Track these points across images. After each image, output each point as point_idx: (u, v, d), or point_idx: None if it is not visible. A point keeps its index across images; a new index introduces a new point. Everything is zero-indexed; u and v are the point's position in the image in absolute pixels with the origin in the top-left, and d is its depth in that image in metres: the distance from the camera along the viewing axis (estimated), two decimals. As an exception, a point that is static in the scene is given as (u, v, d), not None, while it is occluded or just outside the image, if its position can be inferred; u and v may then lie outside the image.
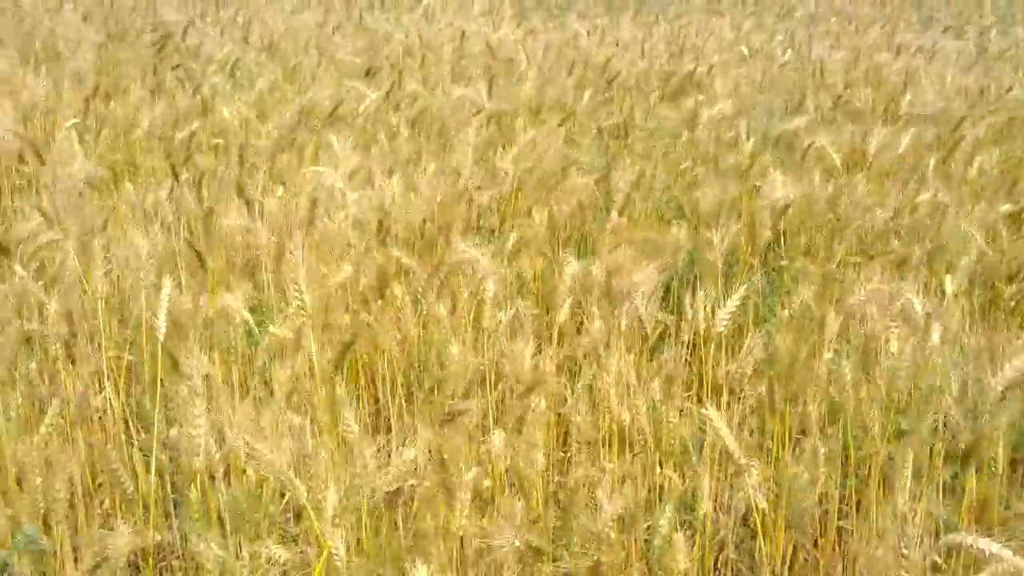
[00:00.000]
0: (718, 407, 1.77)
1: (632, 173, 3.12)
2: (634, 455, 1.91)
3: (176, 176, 2.75)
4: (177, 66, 4.54)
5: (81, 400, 1.78)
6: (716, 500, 1.85)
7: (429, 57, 4.94)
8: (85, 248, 2.13)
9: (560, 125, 3.75)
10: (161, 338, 1.72)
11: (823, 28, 6.58)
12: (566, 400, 2.01)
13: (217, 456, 1.62)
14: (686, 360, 2.30)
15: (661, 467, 1.90)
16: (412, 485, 1.58)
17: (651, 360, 2.18)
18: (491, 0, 8.07)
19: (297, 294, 1.66)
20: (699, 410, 1.63)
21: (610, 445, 1.96)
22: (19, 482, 1.69)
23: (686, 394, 2.23)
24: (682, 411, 2.05)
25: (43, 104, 3.77)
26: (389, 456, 1.51)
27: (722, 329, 2.11)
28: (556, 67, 4.84)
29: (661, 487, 1.91)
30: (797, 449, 1.92)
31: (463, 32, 5.49)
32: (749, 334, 2.42)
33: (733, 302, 2.13)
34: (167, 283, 1.73)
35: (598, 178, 3.13)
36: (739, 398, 2.01)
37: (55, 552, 1.64)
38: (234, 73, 4.57)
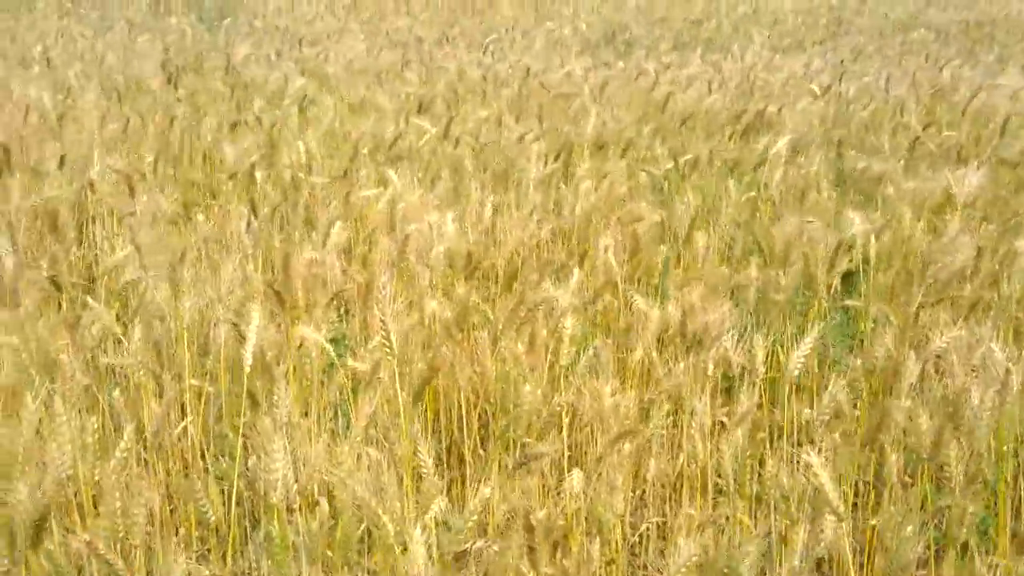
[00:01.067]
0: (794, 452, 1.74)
1: (695, 209, 3.10)
2: (716, 501, 1.89)
3: (254, 210, 2.80)
4: (249, 101, 4.64)
5: (158, 427, 1.80)
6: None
7: (490, 91, 4.98)
8: (169, 279, 2.17)
9: (622, 159, 3.75)
10: (247, 369, 1.75)
11: (896, 66, 6.51)
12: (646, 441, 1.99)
13: (295, 488, 1.63)
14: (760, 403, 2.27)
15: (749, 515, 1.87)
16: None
17: (727, 403, 2.16)
18: (559, 36, 8.14)
19: (383, 332, 1.67)
20: (800, 455, 1.59)
21: (691, 488, 1.94)
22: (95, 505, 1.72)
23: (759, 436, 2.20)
24: (757, 456, 2.02)
25: (122, 136, 3.88)
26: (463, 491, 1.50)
27: (796, 372, 2.08)
28: (621, 103, 4.85)
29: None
30: (881, 498, 1.88)
31: (528, 68, 5.54)
32: (824, 378, 2.38)
33: (806, 346, 2.09)
34: (255, 315, 1.75)
35: (663, 213, 3.12)
36: (818, 446, 1.97)
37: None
38: (305, 107, 4.65)
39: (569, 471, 1.87)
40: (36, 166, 3.24)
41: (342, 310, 2.66)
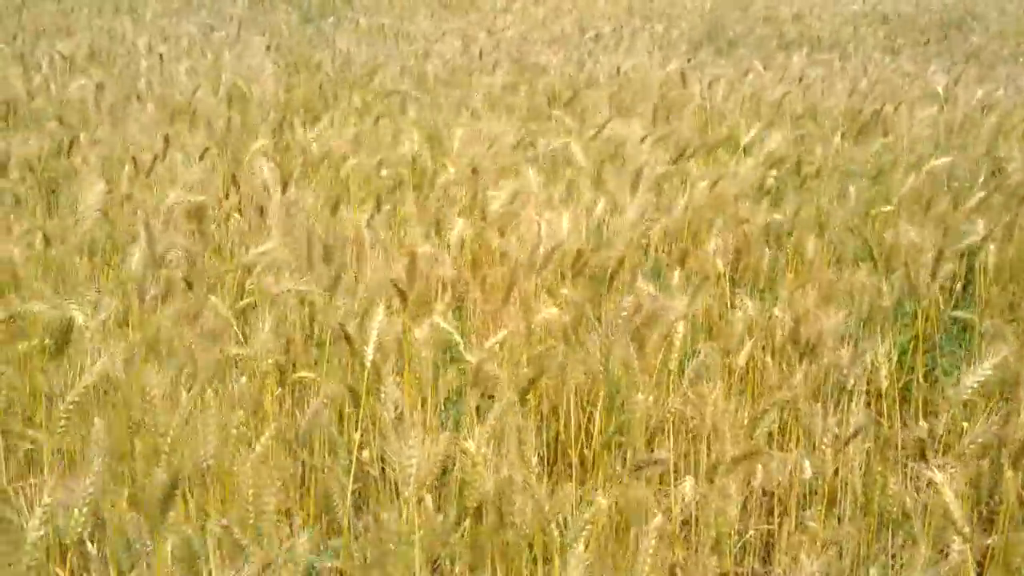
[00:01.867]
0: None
1: (810, 210, 3.04)
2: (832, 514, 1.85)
3: (378, 206, 2.87)
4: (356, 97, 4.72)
5: (312, 420, 1.86)
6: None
7: (588, 93, 4.96)
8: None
9: (731, 161, 3.70)
10: (368, 364, 1.79)
11: (1012, 68, 6.26)
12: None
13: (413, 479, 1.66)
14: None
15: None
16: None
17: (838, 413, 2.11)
18: (660, 36, 8.07)
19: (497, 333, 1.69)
20: (923, 471, 1.56)
21: (798, 500, 1.91)
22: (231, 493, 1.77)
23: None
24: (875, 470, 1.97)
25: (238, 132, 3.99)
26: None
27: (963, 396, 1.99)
28: (727, 103, 4.79)
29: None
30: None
31: (630, 68, 5.51)
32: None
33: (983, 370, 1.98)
34: (380, 311, 1.80)
35: (774, 215, 3.07)
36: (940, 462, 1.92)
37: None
38: (406, 106, 4.70)
39: (677, 478, 1.87)
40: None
41: (458, 308, 2.70)
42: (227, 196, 3.07)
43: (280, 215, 2.52)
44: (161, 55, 6.06)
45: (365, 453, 2.05)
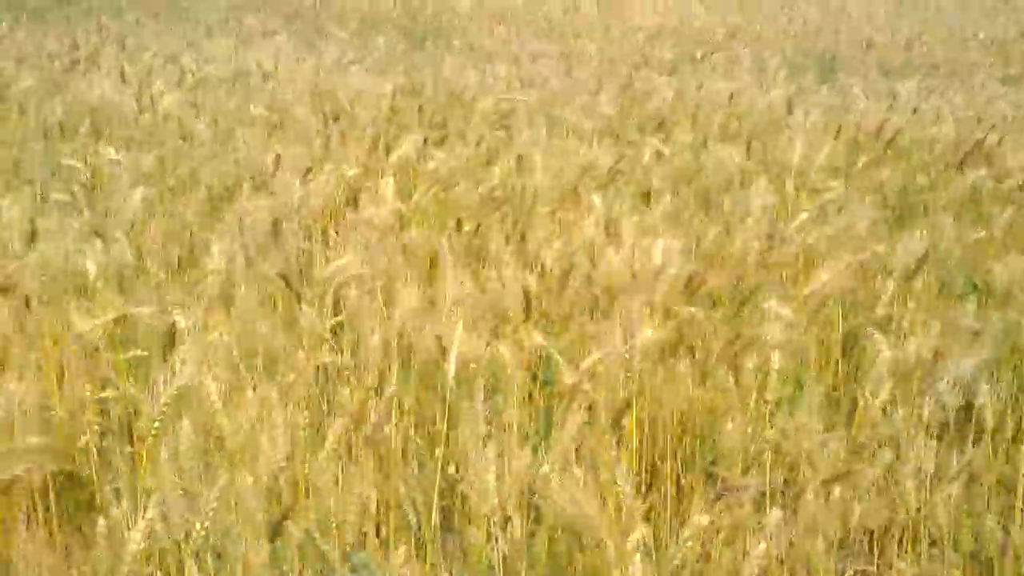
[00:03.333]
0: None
1: (921, 242, 2.93)
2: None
3: (459, 226, 2.89)
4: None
5: (377, 426, 1.87)
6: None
7: (691, 117, 4.91)
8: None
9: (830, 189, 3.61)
10: (451, 380, 1.79)
11: None
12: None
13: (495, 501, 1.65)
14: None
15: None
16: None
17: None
18: (760, 61, 7.96)
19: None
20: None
21: (900, 539, 1.83)
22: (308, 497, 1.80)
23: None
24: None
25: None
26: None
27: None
28: (827, 129, 4.69)
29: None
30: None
31: (730, 94, 5.43)
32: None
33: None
34: (459, 327, 1.80)
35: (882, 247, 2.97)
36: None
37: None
38: (506, 126, 4.72)
39: (770, 509, 1.81)
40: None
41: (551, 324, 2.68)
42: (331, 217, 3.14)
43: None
44: (264, 74, 6.25)
45: (451, 468, 2.05)
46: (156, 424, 1.43)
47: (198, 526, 1.25)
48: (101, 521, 1.28)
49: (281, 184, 3.27)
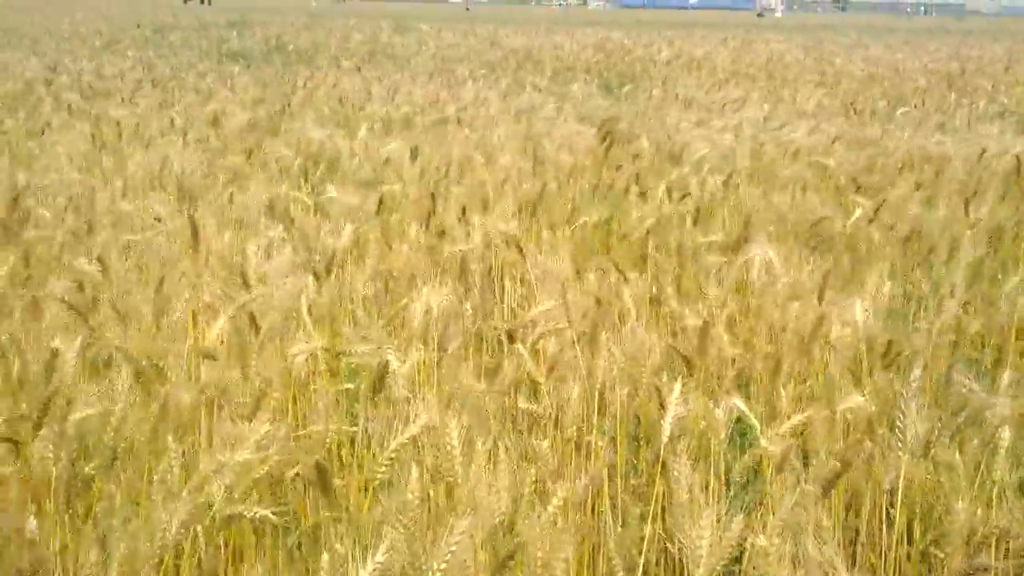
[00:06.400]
0: None
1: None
2: None
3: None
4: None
5: (591, 482, 1.87)
6: None
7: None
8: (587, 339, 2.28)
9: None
10: (665, 440, 1.77)
11: None
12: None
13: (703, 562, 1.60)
14: None
15: None
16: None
17: None
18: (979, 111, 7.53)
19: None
20: None
21: None
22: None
23: None
24: None
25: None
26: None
27: None
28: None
29: None
30: None
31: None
32: None
33: None
34: (676, 387, 1.78)
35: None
36: None
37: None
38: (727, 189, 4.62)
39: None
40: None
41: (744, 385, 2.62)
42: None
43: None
44: (458, 119, 6.46)
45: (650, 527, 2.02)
46: (384, 466, 1.49)
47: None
48: (325, 557, 1.33)
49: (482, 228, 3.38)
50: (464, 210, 3.58)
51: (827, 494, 1.86)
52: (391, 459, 1.54)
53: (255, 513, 1.66)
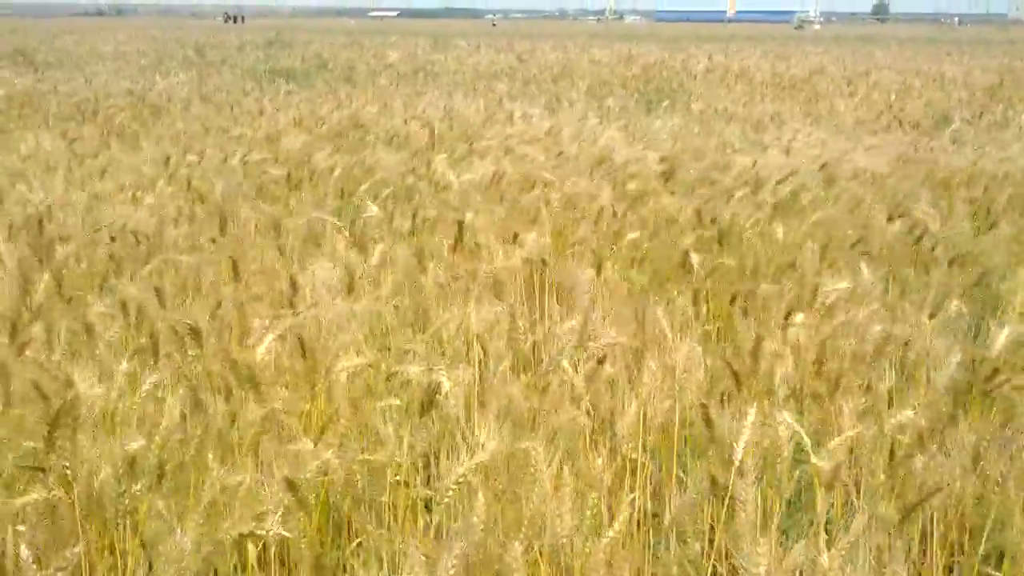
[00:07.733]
0: None
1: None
2: None
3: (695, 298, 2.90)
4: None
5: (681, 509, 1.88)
6: None
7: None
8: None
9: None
10: (737, 463, 1.78)
11: None
12: None
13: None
14: None
15: None
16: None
17: None
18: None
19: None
20: None
21: None
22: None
23: None
24: None
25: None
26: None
27: None
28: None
29: None
30: None
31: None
32: None
33: None
34: (752, 412, 1.80)
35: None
36: None
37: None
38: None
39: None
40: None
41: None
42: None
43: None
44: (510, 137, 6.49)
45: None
46: (450, 492, 1.52)
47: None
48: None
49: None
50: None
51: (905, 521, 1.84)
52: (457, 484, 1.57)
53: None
